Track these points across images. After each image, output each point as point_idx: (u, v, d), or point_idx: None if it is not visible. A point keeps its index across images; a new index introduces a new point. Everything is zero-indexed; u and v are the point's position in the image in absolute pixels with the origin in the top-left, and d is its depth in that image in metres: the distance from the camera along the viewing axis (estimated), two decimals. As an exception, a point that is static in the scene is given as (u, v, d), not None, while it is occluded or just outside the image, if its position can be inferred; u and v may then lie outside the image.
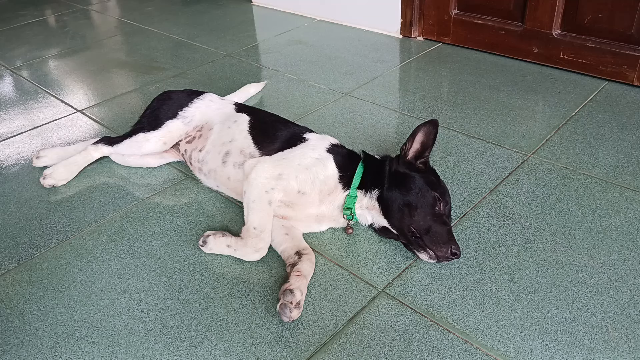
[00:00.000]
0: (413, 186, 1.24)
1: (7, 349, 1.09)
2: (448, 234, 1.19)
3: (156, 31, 2.85)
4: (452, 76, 2.14)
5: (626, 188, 1.44)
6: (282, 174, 1.27)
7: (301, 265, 1.18)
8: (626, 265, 1.20)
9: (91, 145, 1.62)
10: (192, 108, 1.58)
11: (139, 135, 1.56)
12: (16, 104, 2.13)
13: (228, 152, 1.43)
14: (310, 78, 2.19)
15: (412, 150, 1.30)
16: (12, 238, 1.40)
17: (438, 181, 1.29)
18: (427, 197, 1.23)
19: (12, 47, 2.75)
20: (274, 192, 1.27)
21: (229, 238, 1.27)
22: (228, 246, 1.27)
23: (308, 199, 1.29)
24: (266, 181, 1.27)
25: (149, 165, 1.64)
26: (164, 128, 1.54)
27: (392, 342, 1.05)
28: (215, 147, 1.46)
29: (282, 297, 1.10)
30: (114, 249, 1.34)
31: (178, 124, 1.55)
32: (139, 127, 1.58)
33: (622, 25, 1.90)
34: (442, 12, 2.36)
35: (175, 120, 1.55)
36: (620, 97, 1.89)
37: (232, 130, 1.47)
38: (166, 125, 1.55)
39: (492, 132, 1.74)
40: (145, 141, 1.55)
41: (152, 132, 1.54)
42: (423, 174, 1.28)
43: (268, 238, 1.26)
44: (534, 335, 1.05)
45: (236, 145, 1.43)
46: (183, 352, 1.06)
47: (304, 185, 1.28)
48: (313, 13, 2.86)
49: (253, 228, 1.25)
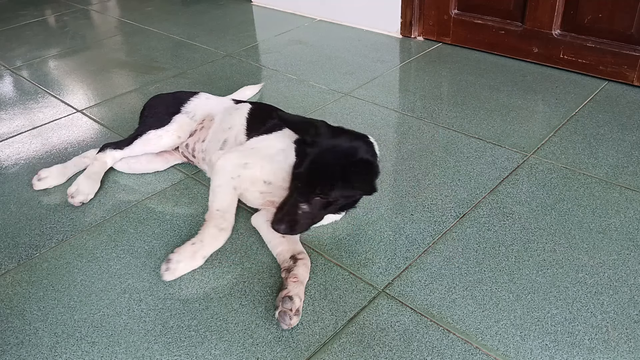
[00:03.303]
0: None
1: (7, 349, 1.09)
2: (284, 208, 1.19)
3: (156, 31, 2.85)
4: (452, 76, 2.14)
5: (626, 188, 1.44)
6: (247, 163, 1.31)
7: (297, 270, 1.17)
8: (626, 265, 1.20)
9: (99, 154, 1.57)
10: (192, 104, 1.59)
11: (149, 134, 1.54)
12: (16, 104, 2.13)
13: (226, 140, 1.45)
14: (310, 78, 2.18)
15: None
16: (12, 238, 1.40)
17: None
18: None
19: (12, 47, 2.75)
20: (239, 179, 1.30)
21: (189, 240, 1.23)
22: (193, 244, 1.21)
23: (276, 188, 1.30)
24: (233, 168, 1.30)
25: (156, 169, 1.62)
26: (174, 123, 1.54)
27: (392, 342, 1.05)
28: (216, 135, 1.48)
29: (280, 304, 1.09)
30: (114, 249, 1.34)
31: (185, 118, 1.56)
32: (146, 128, 1.56)
33: (622, 25, 1.90)
34: (442, 12, 2.36)
35: (181, 115, 1.56)
36: (620, 97, 1.89)
37: (233, 117, 1.49)
38: (175, 119, 1.55)
39: (492, 132, 1.74)
40: (158, 138, 1.53)
41: (164, 128, 1.54)
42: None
43: (231, 218, 1.27)
44: (534, 335, 1.05)
45: (233, 134, 1.45)
46: (183, 352, 1.06)
47: (268, 175, 1.31)
48: (313, 13, 2.86)
49: (216, 210, 1.26)
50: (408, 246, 1.29)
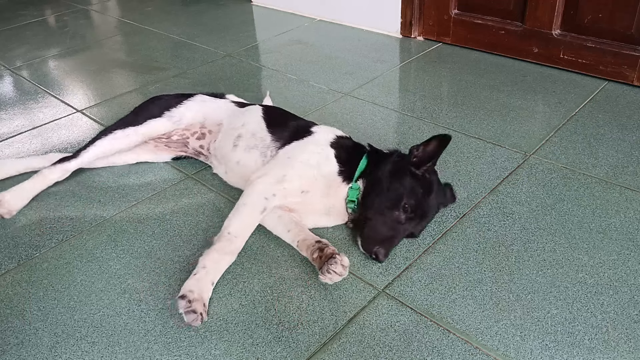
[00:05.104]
0: (395, 180, 1.24)
1: (7, 349, 1.09)
2: (386, 238, 1.19)
3: (156, 31, 2.85)
4: (452, 76, 2.14)
5: (626, 188, 1.44)
6: (286, 175, 1.28)
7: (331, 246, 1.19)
8: (626, 265, 1.20)
9: (47, 169, 1.51)
10: (180, 109, 1.56)
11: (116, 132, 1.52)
12: (16, 104, 2.13)
13: (240, 135, 1.44)
14: (310, 78, 2.18)
15: (423, 154, 1.27)
16: (12, 238, 1.40)
17: (424, 195, 1.24)
18: (395, 195, 1.22)
19: (12, 47, 2.75)
20: (274, 199, 1.26)
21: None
22: (204, 267, 1.14)
23: (313, 196, 1.30)
24: (269, 187, 1.26)
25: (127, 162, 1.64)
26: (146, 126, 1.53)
27: (392, 342, 1.05)
28: (228, 132, 1.48)
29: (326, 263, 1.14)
30: (114, 249, 1.34)
31: (165, 123, 1.54)
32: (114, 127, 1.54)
33: (622, 25, 1.90)
34: (442, 12, 2.36)
35: (160, 119, 1.54)
36: (620, 97, 1.89)
37: (245, 116, 1.49)
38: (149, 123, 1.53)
39: (492, 132, 1.74)
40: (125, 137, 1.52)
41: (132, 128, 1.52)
42: (416, 179, 1.25)
43: (240, 244, 1.20)
44: (534, 335, 1.05)
45: (248, 129, 1.44)
46: (183, 352, 1.06)
47: (307, 184, 1.28)
48: (313, 13, 2.86)
49: (227, 233, 1.19)
50: (408, 246, 1.29)
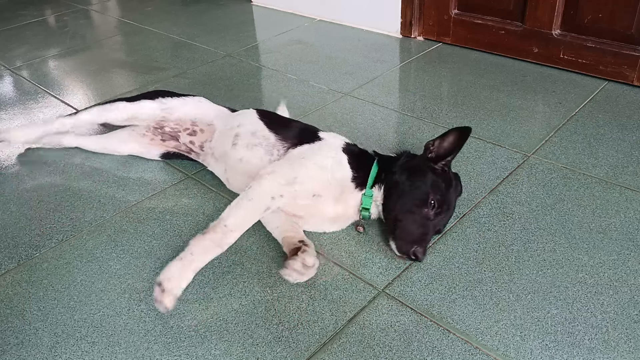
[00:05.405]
0: (417, 178, 1.24)
1: (7, 349, 1.09)
2: (421, 236, 1.18)
3: (156, 31, 2.85)
4: (452, 76, 2.14)
5: (626, 188, 1.44)
6: (297, 176, 1.22)
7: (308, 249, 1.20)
8: (626, 265, 1.20)
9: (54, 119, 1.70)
10: (173, 102, 1.59)
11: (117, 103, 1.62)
12: (16, 104, 2.13)
13: (237, 134, 1.43)
14: (310, 78, 2.19)
15: (439, 149, 1.26)
16: (12, 238, 1.40)
17: (447, 189, 1.24)
18: (422, 193, 1.21)
19: (12, 47, 2.75)
20: (280, 199, 1.22)
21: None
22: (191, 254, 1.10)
23: (325, 201, 1.27)
24: (277, 187, 1.21)
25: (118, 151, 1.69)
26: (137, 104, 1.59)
27: (392, 342, 1.05)
28: (224, 132, 1.47)
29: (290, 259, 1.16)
30: (114, 249, 1.34)
31: (155, 108, 1.58)
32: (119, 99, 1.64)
33: (622, 25, 1.90)
34: (442, 12, 2.36)
35: (152, 102, 1.58)
36: (620, 97, 1.89)
37: (239, 118, 1.48)
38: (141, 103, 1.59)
39: (492, 132, 1.74)
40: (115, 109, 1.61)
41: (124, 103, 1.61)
42: (436, 174, 1.25)
43: (232, 239, 1.14)
44: (534, 335, 1.05)
45: (247, 129, 1.43)
46: (183, 352, 1.06)
47: (319, 188, 1.25)
48: (313, 13, 2.86)
49: (224, 225, 1.14)
50: (408, 246, 1.29)
